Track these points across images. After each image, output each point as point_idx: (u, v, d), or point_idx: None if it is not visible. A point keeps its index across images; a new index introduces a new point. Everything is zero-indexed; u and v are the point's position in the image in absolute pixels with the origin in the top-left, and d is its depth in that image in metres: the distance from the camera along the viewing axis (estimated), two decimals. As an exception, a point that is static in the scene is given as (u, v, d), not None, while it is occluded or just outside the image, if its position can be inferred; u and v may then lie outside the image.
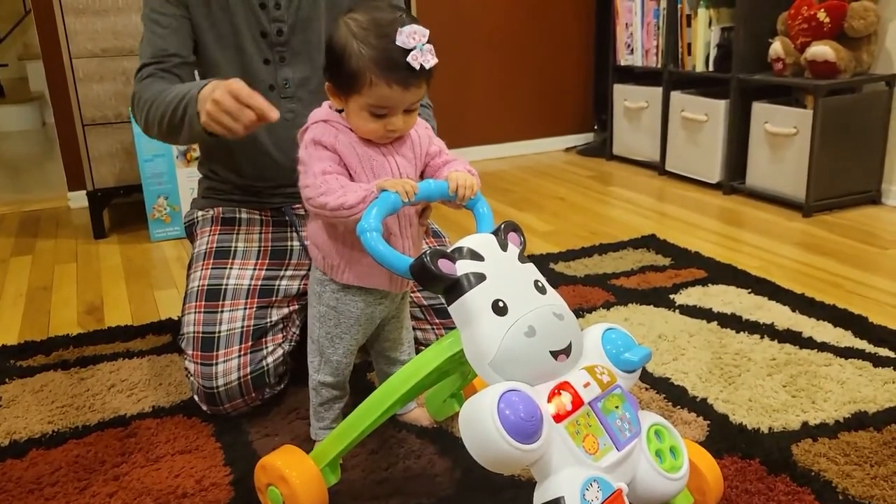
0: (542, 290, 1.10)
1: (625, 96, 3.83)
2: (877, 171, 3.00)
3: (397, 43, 1.14)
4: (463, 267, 1.07)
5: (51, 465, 1.48)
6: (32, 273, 2.66)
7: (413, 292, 1.70)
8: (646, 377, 1.71)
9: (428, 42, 1.15)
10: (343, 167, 1.23)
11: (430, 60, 1.16)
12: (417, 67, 1.14)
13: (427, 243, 1.67)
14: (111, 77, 2.90)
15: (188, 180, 2.88)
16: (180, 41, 1.64)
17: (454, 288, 1.07)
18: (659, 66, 3.62)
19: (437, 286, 1.08)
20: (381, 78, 1.16)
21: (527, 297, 1.08)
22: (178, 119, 1.47)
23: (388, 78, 1.15)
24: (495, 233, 1.14)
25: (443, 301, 1.67)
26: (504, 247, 1.12)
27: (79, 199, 3.38)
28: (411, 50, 1.14)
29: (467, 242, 1.10)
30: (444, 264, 1.06)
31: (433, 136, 1.33)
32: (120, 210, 3.30)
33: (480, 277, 1.07)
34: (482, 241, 1.11)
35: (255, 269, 1.66)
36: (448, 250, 1.09)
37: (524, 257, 1.14)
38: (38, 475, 1.45)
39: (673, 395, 1.64)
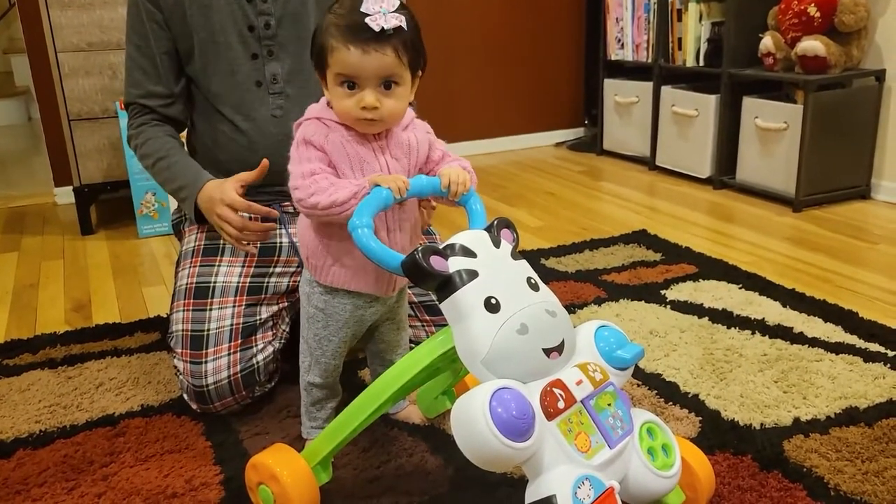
0: (534, 287, 1.09)
1: (615, 91, 3.83)
2: (866, 166, 3.01)
3: (361, 9, 1.14)
4: (455, 264, 1.06)
5: (38, 465, 1.46)
6: (19, 270, 2.64)
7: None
8: (637, 373, 1.71)
9: (398, 11, 1.14)
10: (332, 167, 1.21)
11: (392, 22, 1.14)
12: (377, 29, 1.13)
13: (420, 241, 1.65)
14: (97, 71, 2.88)
15: (176, 176, 2.86)
16: (165, 70, 1.68)
17: (446, 285, 1.06)
18: (649, 60, 3.61)
19: (429, 283, 1.07)
20: (340, 41, 1.15)
21: (519, 294, 1.07)
22: (177, 198, 1.66)
23: (347, 40, 1.15)
24: (488, 229, 1.13)
25: (434, 298, 1.67)
26: (497, 243, 1.11)
27: (65, 195, 3.35)
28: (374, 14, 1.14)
29: (459, 239, 1.09)
30: (435, 261, 1.05)
31: (434, 140, 1.31)
32: (107, 206, 3.28)
33: (473, 274, 1.06)
34: (475, 237, 1.10)
35: (243, 267, 1.65)
36: (440, 247, 1.08)
37: (517, 254, 1.13)
38: (25, 476, 1.43)
39: (665, 391, 1.64)
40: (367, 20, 1.13)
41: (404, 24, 1.15)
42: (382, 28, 1.13)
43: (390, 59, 1.17)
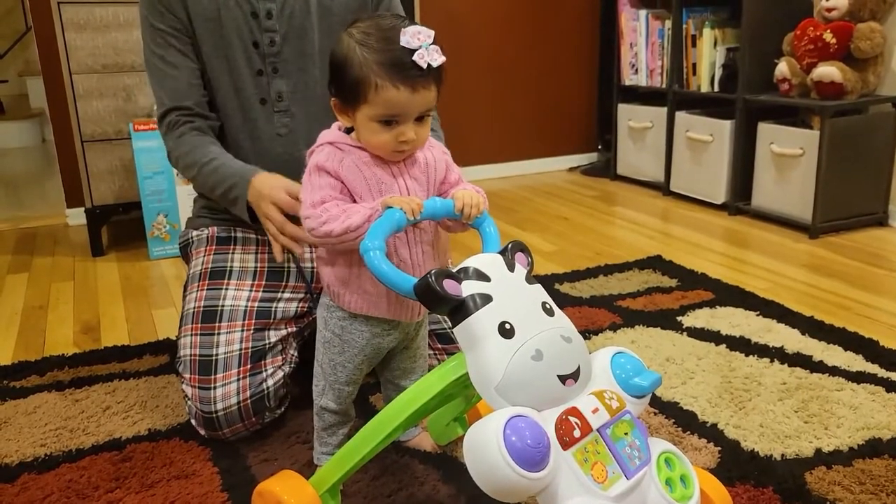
0: (549, 312, 1.07)
1: (629, 116, 3.82)
2: (883, 192, 2.98)
3: (401, 44, 1.11)
4: (469, 287, 1.04)
5: (42, 490, 1.43)
6: (29, 291, 2.63)
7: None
8: (654, 401, 1.67)
9: (434, 43, 1.12)
10: (346, 194, 1.18)
11: (437, 59, 1.12)
12: (424, 66, 1.11)
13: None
14: (111, 93, 2.89)
15: (188, 198, 2.84)
16: (191, 70, 1.62)
17: (459, 309, 1.03)
18: (664, 86, 3.60)
19: (442, 307, 1.04)
20: (386, 80, 1.11)
21: (534, 320, 1.04)
22: (228, 201, 1.56)
23: (394, 79, 1.11)
24: (502, 253, 1.10)
25: (445, 326, 1.64)
26: (511, 267, 1.09)
27: (77, 217, 3.35)
28: (417, 50, 1.11)
29: (473, 262, 1.07)
30: (449, 285, 1.02)
31: (451, 163, 1.28)
32: (119, 227, 3.27)
33: (486, 298, 1.03)
34: (489, 261, 1.08)
35: (251, 291, 1.62)
36: (454, 270, 1.05)
37: (532, 278, 1.10)
38: (28, 501, 1.40)
39: (682, 420, 1.60)
40: (415, 58, 1.10)
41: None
42: (429, 65, 1.11)
43: (433, 94, 1.16)
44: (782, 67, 2.99)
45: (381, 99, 1.13)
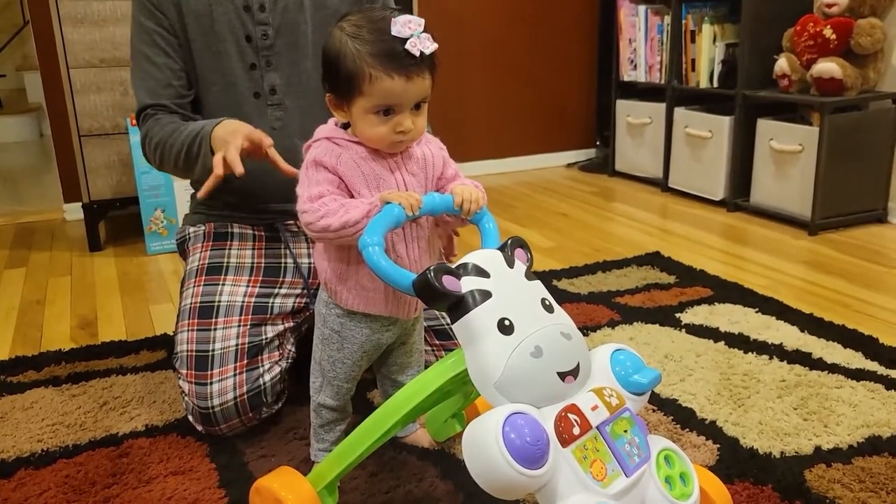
0: (549, 309, 1.06)
1: (628, 112, 3.81)
2: (883, 189, 2.97)
3: (393, 33, 1.10)
4: (468, 284, 1.03)
5: (39, 485, 1.43)
6: (26, 286, 2.62)
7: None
8: (652, 398, 1.67)
9: (425, 31, 1.12)
10: (343, 189, 1.18)
11: (430, 46, 1.11)
12: (417, 54, 1.10)
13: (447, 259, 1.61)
14: (109, 88, 2.87)
15: (185, 193, 2.84)
16: (173, 71, 1.63)
17: (458, 305, 1.03)
18: (662, 81, 3.59)
19: (441, 303, 1.04)
20: (380, 70, 1.11)
21: (533, 316, 1.04)
22: (194, 156, 1.51)
23: (388, 68, 1.11)
24: (501, 249, 1.10)
25: (443, 322, 1.64)
26: (510, 263, 1.08)
27: (74, 211, 3.34)
28: (409, 38, 1.10)
29: (473, 258, 1.06)
30: (448, 280, 1.02)
31: (448, 158, 1.28)
32: (116, 222, 3.26)
33: (486, 295, 1.03)
34: (488, 257, 1.07)
35: (248, 286, 1.62)
36: (453, 266, 1.05)
37: (531, 274, 1.10)
38: (25, 496, 1.40)
39: (681, 417, 1.60)
40: (407, 46, 1.10)
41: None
42: (421, 52, 1.11)
43: (428, 81, 1.15)
44: (782, 63, 2.98)
45: (376, 90, 1.12)
